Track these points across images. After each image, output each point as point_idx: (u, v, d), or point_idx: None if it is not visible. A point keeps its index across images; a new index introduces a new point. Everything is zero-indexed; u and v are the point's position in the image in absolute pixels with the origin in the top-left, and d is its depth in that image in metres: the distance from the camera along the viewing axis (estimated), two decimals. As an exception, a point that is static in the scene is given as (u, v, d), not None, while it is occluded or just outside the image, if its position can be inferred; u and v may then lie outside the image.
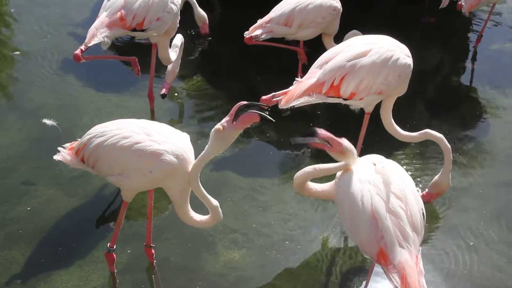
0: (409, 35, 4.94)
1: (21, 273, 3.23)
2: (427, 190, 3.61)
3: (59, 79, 4.85)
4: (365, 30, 4.10)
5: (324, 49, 4.60)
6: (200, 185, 2.88)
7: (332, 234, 3.56)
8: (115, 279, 3.22)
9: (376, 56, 3.28)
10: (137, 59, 4.15)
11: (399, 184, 2.65)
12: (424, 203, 2.74)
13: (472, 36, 5.69)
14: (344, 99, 3.33)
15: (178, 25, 4.13)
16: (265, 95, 3.38)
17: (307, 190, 2.99)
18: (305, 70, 4.80)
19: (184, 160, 2.87)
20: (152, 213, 3.20)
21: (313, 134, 2.63)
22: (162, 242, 3.45)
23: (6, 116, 4.44)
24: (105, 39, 3.74)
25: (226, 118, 2.66)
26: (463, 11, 4.86)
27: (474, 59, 5.40)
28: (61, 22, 5.66)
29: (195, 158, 2.89)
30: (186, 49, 5.47)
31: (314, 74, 3.34)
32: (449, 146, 3.39)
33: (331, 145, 2.65)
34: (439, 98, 4.88)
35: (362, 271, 3.34)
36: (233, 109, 2.61)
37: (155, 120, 4.37)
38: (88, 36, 3.70)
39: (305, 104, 3.32)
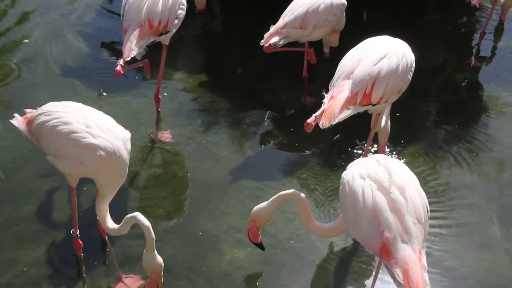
0: (413, 32, 4.94)
1: (27, 272, 3.25)
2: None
3: (64, 80, 4.86)
4: (370, 29, 4.09)
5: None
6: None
7: (337, 233, 3.56)
8: (121, 278, 3.23)
9: (394, 56, 3.31)
10: (148, 62, 4.19)
11: (401, 178, 2.64)
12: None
13: (477, 34, 5.66)
14: (373, 105, 3.33)
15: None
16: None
17: (322, 230, 3.07)
18: (310, 70, 4.83)
19: (116, 157, 2.94)
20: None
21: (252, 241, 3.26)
22: (167, 241, 3.46)
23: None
24: (140, 49, 3.81)
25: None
26: (472, 2, 4.82)
27: (479, 56, 5.38)
28: (66, 24, 5.67)
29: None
30: (190, 50, 5.50)
31: (344, 86, 3.29)
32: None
33: (252, 228, 3.19)
34: (444, 96, 4.86)
35: (368, 270, 3.33)
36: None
37: (160, 121, 4.39)
38: (125, 50, 3.72)
39: (344, 118, 3.27)
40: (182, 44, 5.40)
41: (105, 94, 4.63)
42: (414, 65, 3.41)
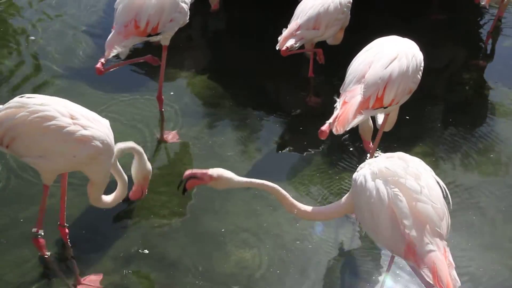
0: (419, 32, 4.92)
1: (34, 272, 3.26)
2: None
3: (70, 80, 4.86)
4: (376, 30, 4.08)
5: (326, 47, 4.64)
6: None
7: (344, 233, 3.55)
8: (126, 277, 3.24)
9: (404, 57, 3.30)
10: (151, 56, 4.19)
11: (417, 168, 2.57)
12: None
13: (484, 33, 5.64)
14: (385, 107, 3.32)
15: (188, 21, 4.13)
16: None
17: (318, 215, 2.92)
18: (315, 70, 4.82)
19: (108, 145, 2.92)
20: (66, 193, 3.21)
21: (184, 178, 2.76)
22: (172, 241, 3.46)
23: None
24: (123, 49, 3.78)
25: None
26: (482, 3, 4.80)
27: (485, 56, 5.36)
28: (72, 24, 5.67)
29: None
30: (196, 50, 5.51)
31: (356, 91, 3.26)
32: None
33: (201, 178, 2.75)
34: (450, 96, 4.84)
35: (376, 270, 3.32)
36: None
37: (164, 121, 4.39)
38: (106, 48, 3.73)
39: (358, 123, 3.26)
40: (188, 44, 5.41)
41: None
42: (423, 64, 3.40)
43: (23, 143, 2.79)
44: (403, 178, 2.51)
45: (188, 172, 2.76)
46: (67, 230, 3.28)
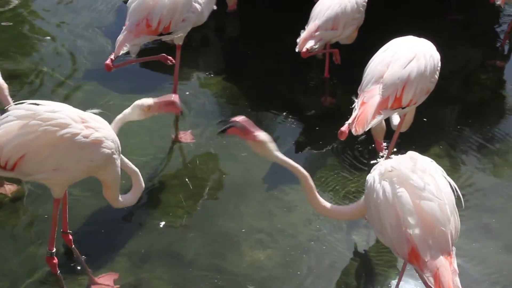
0: (435, 32, 4.89)
1: (48, 271, 3.27)
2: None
3: (82, 82, 4.87)
4: (392, 30, 4.06)
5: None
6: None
7: (359, 234, 3.53)
8: (141, 276, 3.26)
9: (422, 57, 3.29)
10: (164, 55, 4.19)
11: (425, 165, 2.55)
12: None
13: (501, 33, 5.58)
14: (403, 108, 3.31)
15: (205, 20, 4.13)
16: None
17: (336, 213, 2.90)
18: (332, 70, 4.80)
19: (117, 142, 2.90)
20: (67, 199, 3.14)
21: (233, 122, 2.73)
22: (187, 242, 3.47)
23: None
24: (133, 47, 3.79)
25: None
26: (497, 2, 4.75)
27: (502, 56, 5.30)
28: (86, 26, 5.70)
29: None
30: (211, 51, 5.52)
31: (374, 91, 3.25)
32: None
33: (245, 132, 2.69)
34: (467, 97, 4.80)
35: (391, 272, 3.31)
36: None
37: (179, 121, 4.40)
38: (117, 46, 3.75)
39: (376, 124, 3.25)
40: (203, 45, 5.42)
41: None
42: (440, 64, 3.38)
43: (35, 159, 2.64)
44: (408, 176, 2.50)
45: (239, 118, 2.71)
46: (70, 237, 3.21)
